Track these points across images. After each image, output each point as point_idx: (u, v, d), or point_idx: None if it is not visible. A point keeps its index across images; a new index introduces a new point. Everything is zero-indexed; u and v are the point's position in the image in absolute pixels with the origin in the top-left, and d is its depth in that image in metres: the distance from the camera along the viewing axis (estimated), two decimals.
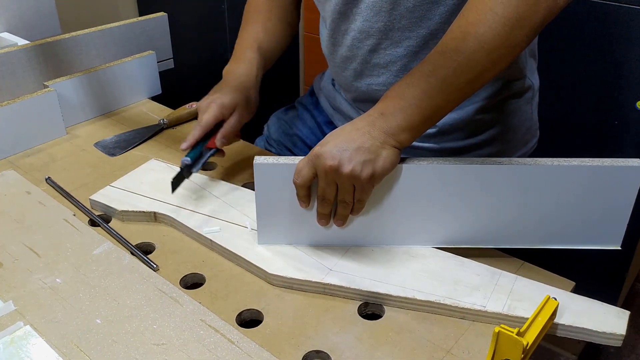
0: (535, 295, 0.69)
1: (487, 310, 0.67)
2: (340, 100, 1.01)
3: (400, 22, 0.82)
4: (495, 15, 0.65)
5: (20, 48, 1.04)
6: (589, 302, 0.69)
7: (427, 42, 0.83)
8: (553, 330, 0.66)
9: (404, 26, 0.82)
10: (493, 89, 0.87)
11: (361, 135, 0.69)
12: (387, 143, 0.69)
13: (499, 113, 0.90)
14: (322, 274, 0.72)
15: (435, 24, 0.81)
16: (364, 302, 0.71)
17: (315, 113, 1.10)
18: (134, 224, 0.84)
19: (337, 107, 1.03)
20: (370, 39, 0.85)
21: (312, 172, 0.70)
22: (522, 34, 0.66)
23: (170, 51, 1.26)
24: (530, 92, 0.93)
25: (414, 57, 0.85)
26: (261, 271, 0.74)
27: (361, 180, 0.68)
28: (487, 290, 0.70)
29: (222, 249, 0.77)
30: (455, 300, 0.69)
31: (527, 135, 0.96)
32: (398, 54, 0.85)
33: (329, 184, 0.70)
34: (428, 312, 0.69)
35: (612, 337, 0.65)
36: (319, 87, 1.10)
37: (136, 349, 0.63)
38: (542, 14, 0.65)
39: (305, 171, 0.69)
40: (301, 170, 0.70)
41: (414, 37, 0.83)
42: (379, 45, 0.85)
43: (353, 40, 0.87)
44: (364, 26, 0.84)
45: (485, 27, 0.66)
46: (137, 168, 0.94)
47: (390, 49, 0.85)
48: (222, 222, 0.81)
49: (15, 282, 0.72)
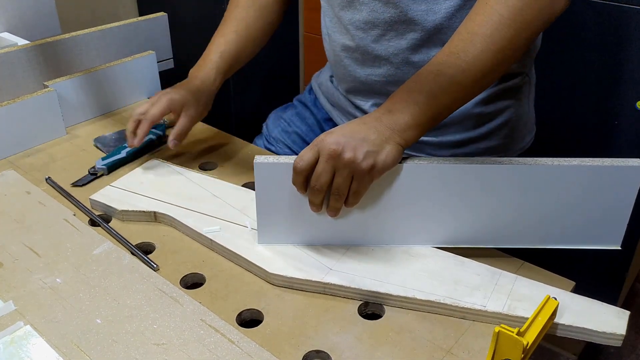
0: (535, 295, 0.69)
1: (487, 310, 0.67)
2: (338, 96, 1.01)
3: (406, 15, 0.82)
4: (502, 17, 0.69)
5: (20, 48, 1.04)
6: (589, 302, 0.69)
7: (430, 36, 0.83)
8: (553, 330, 0.66)
9: (410, 19, 0.82)
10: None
11: (367, 128, 0.69)
12: (392, 139, 0.69)
13: (498, 107, 0.90)
14: (322, 273, 0.72)
15: (440, 18, 0.81)
16: (364, 302, 0.71)
17: (314, 110, 1.10)
18: (134, 224, 0.84)
19: (335, 103, 1.04)
20: (375, 30, 0.85)
21: (315, 156, 0.69)
22: (525, 35, 0.70)
23: (170, 51, 1.26)
24: (527, 87, 0.94)
25: (416, 51, 0.85)
26: (261, 271, 0.74)
27: (361, 170, 0.68)
28: (487, 290, 0.70)
29: (222, 248, 0.77)
30: (456, 300, 0.69)
31: (524, 129, 0.97)
32: (401, 46, 0.85)
33: (326, 169, 0.69)
34: (428, 312, 0.69)
35: (612, 337, 0.65)
36: (317, 84, 1.10)
37: (136, 348, 0.63)
38: (544, 17, 0.70)
39: (308, 155, 0.69)
40: (304, 155, 0.70)
41: (419, 30, 0.83)
42: (383, 36, 0.85)
43: (357, 30, 0.87)
44: (370, 17, 0.85)
45: (492, 29, 0.69)
46: (136, 168, 0.94)
47: (394, 40, 0.85)
48: (222, 221, 0.81)
49: (15, 282, 0.72)
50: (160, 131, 1.02)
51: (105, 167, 0.94)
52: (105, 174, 0.94)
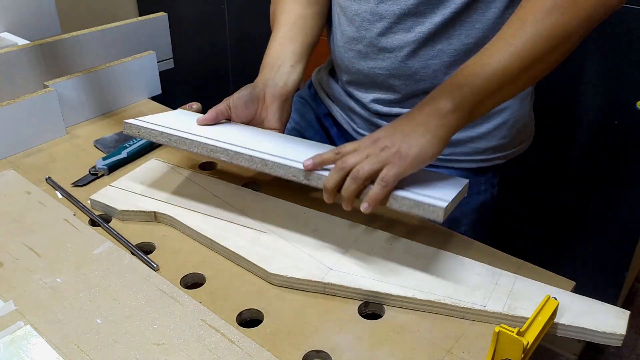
0: (535, 295, 0.69)
1: (487, 310, 0.67)
2: (339, 91, 1.01)
3: (417, 7, 0.82)
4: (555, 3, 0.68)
5: (20, 48, 1.04)
6: (589, 301, 0.69)
7: (437, 31, 0.83)
8: (553, 330, 0.66)
9: (420, 12, 0.82)
10: None
11: (407, 121, 0.70)
12: (431, 128, 0.68)
13: (498, 107, 0.90)
14: (322, 273, 0.72)
15: (450, 12, 0.81)
16: (364, 302, 0.71)
17: (314, 105, 1.10)
18: (134, 224, 0.84)
19: (335, 99, 1.03)
20: (381, 22, 0.85)
21: (341, 176, 0.69)
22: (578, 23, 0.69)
23: (170, 51, 1.26)
24: (528, 89, 0.94)
25: (422, 45, 0.85)
26: (261, 270, 0.74)
27: (390, 155, 0.67)
28: (487, 290, 0.70)
29: (223, 248, 0.77)
30: (456, 300, 0.69)
31: (523, 130, 0.97)
32: (407, 40, 0.85)
33: (357, 149, 0.70)
34: (428, 311, 0.69)
35: (612, 337, 0.65)
36: (317, 79, 1.10)
37: (136, 348, 0.63)
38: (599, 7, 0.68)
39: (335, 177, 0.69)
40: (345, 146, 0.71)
41: (427, 24, 0.83)
42: (389, 29, 0.85)
43: (363, 22, 0.87)
44: (379, 8, 0.84)
45: (544, 14, 0.69)
46: (137, 168, 0.94)
47: (401, 33, 0.85)
48: (222, 221, 0.81)
49: (15, 282, 0.72)
50: None
51: (106, 167, 0.94)
52: (106, 174, 0.94)
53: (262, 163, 0.74)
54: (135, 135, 0.83)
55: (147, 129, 0.82)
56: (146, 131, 0.82)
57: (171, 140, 0.80)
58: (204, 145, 0.78)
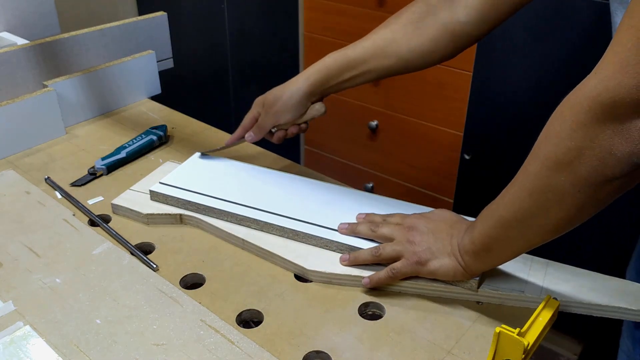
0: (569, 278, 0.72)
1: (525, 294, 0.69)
2: None
3: None
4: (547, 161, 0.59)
5: (19, 48, 1.04)
6: (621, 282, 0.72)
7: None
8: (589, 310, 0.68)
9: None
10: None
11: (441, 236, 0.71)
12: (453, 255, 0.69)
13: None
14: (358, 269, 0.74)
15: None
16: (365, 302, 0.71)
17: None
18: (134, 224, 0.84)
19: None
20: None
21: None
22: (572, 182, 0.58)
23: (170, 51, 1.26)
24: None
25: None
26: (299, 268, 0.74)
27: (410, 255, 0.70)
28: (522, 274, 0.72)
29: (256, 247, 0.78)
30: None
31: None
32: None
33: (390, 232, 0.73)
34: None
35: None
36: None
37: (136, 349, 0.63)
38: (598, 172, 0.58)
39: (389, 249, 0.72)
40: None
41: None
42: None
43: None
44: None
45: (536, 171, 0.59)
46: (154, 171, 0.93)
47: None
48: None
49: (15, 282, 0.72)
50: (162, 132, 1.02)
51: (104, 167, 0.94)
52: (105, 174, 0.94)
53: (293, 233, 0.78)
54: (162, 202, 0.85)
55: (174, 198, 0.84)
56: (173, 199, 0.84)
57: (199, 209, 0.83)
58: (234, 215, 0.81)
